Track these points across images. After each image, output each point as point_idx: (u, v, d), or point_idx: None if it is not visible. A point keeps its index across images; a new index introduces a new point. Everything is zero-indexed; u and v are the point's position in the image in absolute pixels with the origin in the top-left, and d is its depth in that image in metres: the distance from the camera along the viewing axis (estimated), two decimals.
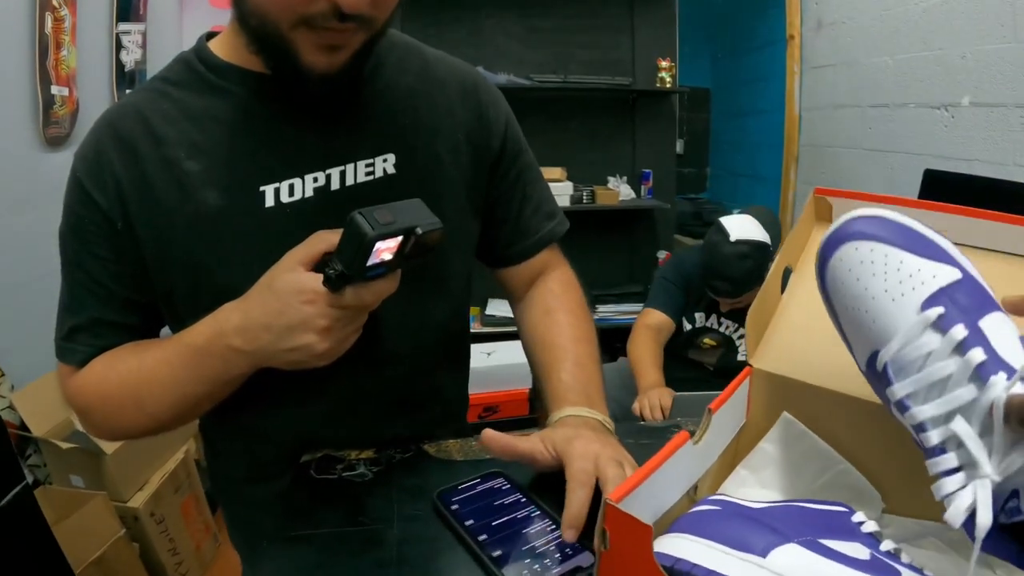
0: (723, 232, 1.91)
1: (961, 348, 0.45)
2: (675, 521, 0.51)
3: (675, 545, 0.47)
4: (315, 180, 0.76)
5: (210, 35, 0.81)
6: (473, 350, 1.03)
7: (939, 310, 0.46)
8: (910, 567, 0.46)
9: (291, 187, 0.75)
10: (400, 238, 0.61)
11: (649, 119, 3.47)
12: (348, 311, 0.65)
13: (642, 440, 0.77)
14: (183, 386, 0.73)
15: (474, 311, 3.30)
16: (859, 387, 0.65)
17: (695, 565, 0.45)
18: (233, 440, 0.91)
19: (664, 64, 3.29)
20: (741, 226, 1.92)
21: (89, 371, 0.77)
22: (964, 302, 0.47)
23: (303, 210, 0.76)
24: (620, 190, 3.31)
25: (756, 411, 0.73)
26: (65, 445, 1.81)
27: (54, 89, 2.01)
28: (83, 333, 0.77)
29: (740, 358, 2.01)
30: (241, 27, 0.70)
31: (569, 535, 0.62)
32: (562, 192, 3.17)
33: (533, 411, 2.91)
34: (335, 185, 0.77)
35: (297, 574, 0.61)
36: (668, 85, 3.31)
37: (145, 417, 0.76)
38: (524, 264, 0.96)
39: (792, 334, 0.74)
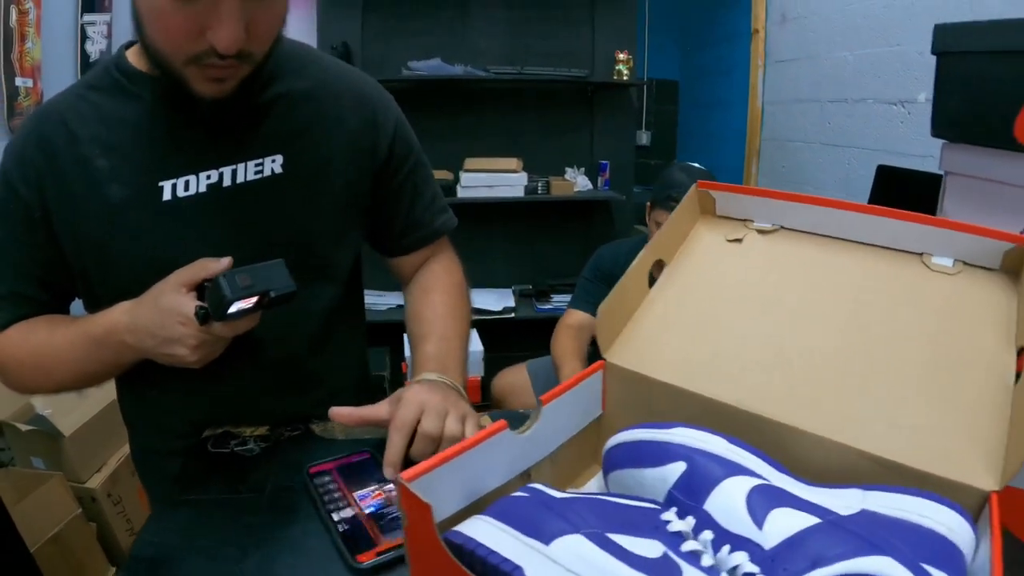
0: (679, 166, 2.07)
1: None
2: (489, 505, 0.54)
3: (474, 527, 0.50)
4: (208, 177, 0.85)
5: (130, 43, 0.88)
6: None
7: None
8: (707, 570, 0.47)
9: (187, 183, 0.85)
10: (256, 297, 0.73)
11: (608, 111, 3.43)
12: (213, 336, 0.76)
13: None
14: (83, 364, 0.85)
15: None
16: (715, 387, 0.66)
17: (480, 544, 0.47)
18: (146, 412, 1.00)
19: (622, 57, 3.22)
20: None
21: (7, 336, 0.88)
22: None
23: (197, 204, 0.85)
24: (577, 181, 3.28)
25: (612, 404, 0.75)
26: (25, 428, 1.88)
27: (18, 81, 2.04)
28: (4, 301, 0.88)
29: None
30: (144, 51, 0.79)
31: (388, 472, 0.76)
32: (516, 183, 3.14)
33: (485, 399, 2.85)
34: (227, 182, 0.86)
35: (177, 531, 0.71)
36: (625, 77, 3.24)
37: (51, 383, 0.90)
38: (416, 253, 1.06)
39: (655, 329, 0.75)
